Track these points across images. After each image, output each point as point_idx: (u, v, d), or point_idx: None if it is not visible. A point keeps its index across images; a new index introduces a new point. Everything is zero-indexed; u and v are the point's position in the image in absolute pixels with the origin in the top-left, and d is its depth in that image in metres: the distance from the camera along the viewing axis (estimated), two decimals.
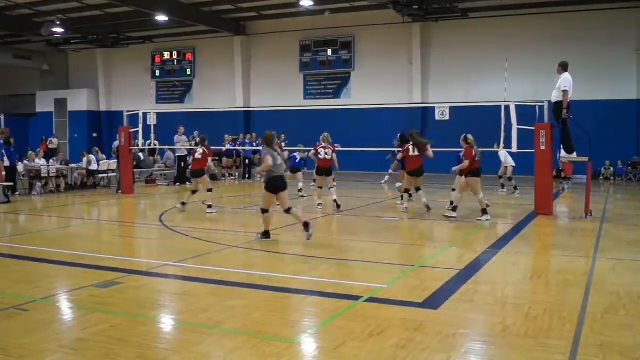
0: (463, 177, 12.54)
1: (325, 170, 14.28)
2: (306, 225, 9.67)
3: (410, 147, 13.55)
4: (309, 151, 15.65)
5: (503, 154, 16.99)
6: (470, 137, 12.58)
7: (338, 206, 13.81)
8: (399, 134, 16.59)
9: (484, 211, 12.47)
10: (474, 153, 12.37)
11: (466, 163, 12.37)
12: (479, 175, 12.50)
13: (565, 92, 12.71)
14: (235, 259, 8.98)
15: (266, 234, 10.02)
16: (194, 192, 14.22)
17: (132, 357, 4.80)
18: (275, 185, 9.81)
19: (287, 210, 9.88)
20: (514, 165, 17.82)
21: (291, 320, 5.88)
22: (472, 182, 12.43)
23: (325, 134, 14.72)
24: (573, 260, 8.56)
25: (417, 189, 13.98)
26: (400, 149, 14.71)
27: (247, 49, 30.72)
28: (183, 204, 13.96)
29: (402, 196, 14.33)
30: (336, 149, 14.77)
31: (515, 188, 17.80)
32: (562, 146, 13.38)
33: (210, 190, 14.12)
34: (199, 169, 14.14)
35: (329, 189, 14.23)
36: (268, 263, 8.73)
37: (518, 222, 12.31)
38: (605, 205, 15.17)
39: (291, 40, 29.39)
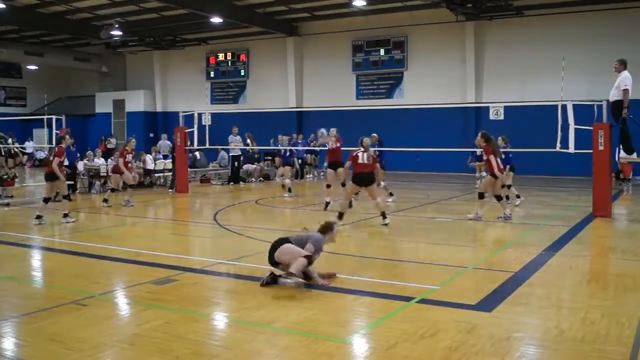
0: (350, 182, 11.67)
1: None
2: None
3: (360, 154, 11.64)
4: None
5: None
6: (365, 140, 11.57)
7: None
8: (480, 132, 13.75)
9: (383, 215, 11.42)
10: (355, 154, 11.34)
11: (347, 164, 11.60)
12: (359, 182, 11.38)
13: (626, 90, 12.31)
14: None
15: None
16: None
17: (186, 353, 4.90)
18: None
19: None
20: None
21: (343, 320, 5.88)
22: (349, 187, 11.46)
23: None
24: (632, 264, 8.30)
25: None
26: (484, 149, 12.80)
27: (300, 49, 30.87)
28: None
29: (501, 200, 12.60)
30: None
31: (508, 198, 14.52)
32: (621, 147, 12.98)
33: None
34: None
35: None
36: (321, 263, 8.70)
37: (575, 224, 11.95)
38: None
39: (343, 41, 29.39)
